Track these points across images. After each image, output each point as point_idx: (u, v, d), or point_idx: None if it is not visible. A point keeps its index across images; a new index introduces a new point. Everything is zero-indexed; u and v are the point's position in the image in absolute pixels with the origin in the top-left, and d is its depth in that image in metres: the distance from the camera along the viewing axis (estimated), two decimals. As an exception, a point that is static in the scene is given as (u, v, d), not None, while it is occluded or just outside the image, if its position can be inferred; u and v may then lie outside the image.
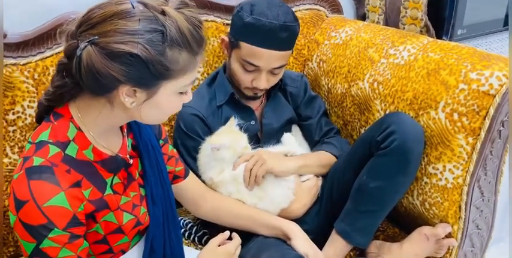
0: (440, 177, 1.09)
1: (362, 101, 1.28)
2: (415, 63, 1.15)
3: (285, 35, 1.13)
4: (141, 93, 0.75)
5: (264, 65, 1.15)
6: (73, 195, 0.74)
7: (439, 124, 1.07)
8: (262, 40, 1.12)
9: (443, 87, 1.07)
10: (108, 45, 0.69)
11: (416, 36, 1.23)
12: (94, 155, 0.81)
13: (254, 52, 1.13)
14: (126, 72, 0.71)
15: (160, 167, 0.97)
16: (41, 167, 0.73)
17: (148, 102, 0.77)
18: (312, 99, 1.36)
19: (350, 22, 1.45)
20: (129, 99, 0.75)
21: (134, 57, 0.70)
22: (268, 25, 1.11)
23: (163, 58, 0.72)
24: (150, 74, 0.72)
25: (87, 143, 0.80)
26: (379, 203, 1.10)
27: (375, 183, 1.08)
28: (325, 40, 1.46)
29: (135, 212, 0.88)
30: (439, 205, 1.12)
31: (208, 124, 1.22)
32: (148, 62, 0.71)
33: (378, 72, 1.23)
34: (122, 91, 0.74)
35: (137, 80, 0.73)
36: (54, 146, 0.76)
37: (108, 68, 0.70)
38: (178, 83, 0.77)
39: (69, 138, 0.78)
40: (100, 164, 0.82)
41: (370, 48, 1.29)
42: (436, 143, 1.08)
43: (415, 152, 1.05)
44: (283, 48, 1.15)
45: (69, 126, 0.79)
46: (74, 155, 0.78)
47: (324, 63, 1.43)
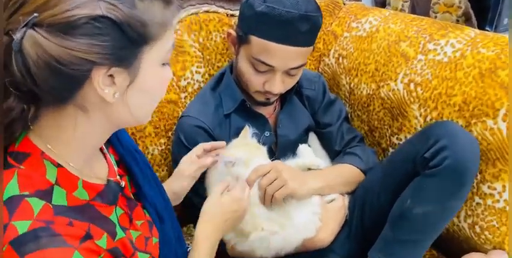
0: (498, 198, 0.92)
1: (395, 105, 1.08)
2: (463, 61, 0.96)
3: (305, 28, 0.92)
4: (121, 76, 0.56)
5: (280, 64, 0.94)
6: (88, 250, 0.55)
7: (498, 136, 0.88)
8: (278, 33, 0.91)
9: (503, 92, 0.88)
10: (57, 17, 0.50)
11: (459, 27, 1.03)
12: (88, 192, 0.61)
13: (267, 48, 0.92)
14: (96, 46, 0.51)
15: (154, 175, 0.79)
16: (33, 232, 0.51)
17: (133, 87, 0.58)
18: (331, 103, 1.17)
19: (373, 10, 1.25)
20: (109, 90, 0.55)
21: (102, 21, 0.51)
22: (286, 15, 0.90)
23: (137, 12, 0.53)
24: (128, 39, 0.54)
25: (74, 180, 0.60)
26: (425, 231, 0.92)
27: (421, 209, 0.89)
28: (345, 32, 1.25)
29: (148, 249, 0.70)
30: (494, 230, 0.95)
31: (215, 137, 1.02)
32: (122, 22, 0.52)
33: (415, 71, 1.04)
34: (97, 80, 0.53)
35: (114, 55, 0.53)
36: (36, 199, 0.54)
37: (70, 48, 0.50)
38: (162, 45, 0.58)
39: (51, 182, 0.57)
40: (98, 200, 0.63)
41: (403, 42, 1.09)
42: (494, 158, 0.90)
43: (472, 172, 0.87)
44: (303, 43, 0.94)
45: (45, 166, 0.57)
46: (65, 202, 0.57)
47: (344, 59, 1.23)
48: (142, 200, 0.74)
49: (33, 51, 0.49)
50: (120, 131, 0.74)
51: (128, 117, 0.61)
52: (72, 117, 0.57)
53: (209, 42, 1.13)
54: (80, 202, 0.59)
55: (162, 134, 1.11)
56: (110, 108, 0.58)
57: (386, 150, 1.15)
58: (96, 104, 0.57)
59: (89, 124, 0.59)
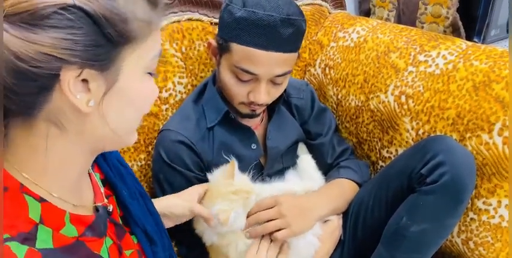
0: (494, 214, 0.89)
1: (385, 118, 1.05)
2: (456, 74, 0.94)
3: (288, 32, 0.86)
4: (96, 81, 0.47)
5: (263, 72, 0.88)
6: None
7: (494, 151, 0.86)
8: (260, 39, 0.85)
9: (498, 105, 0.86)
10: (21, 5, 0.42)
11: (450, 39, 1.01)
12: (76, 227, 0.53)
13: (249, 55, 0.86)
14: (65, 41, 0.43)
15: (142, 191, 0.72)
16: None
17: (112, 96, 0.49)
18: (322, 112, 1.13)
19: (360, 20, 1.22)
20: (81, 96, 0.47)
21: (73, 12, 0.43)
22: (267, 19, 0.83)
23: (117, 5, 0.46)
24: (104, 36, 0.46)
25: (60, 215, 0.52)
26: (421, 250, 0.89)
27: (418, 227, 0.86)
28: (331, 42, 1.22)
29: None
30: (488, 245, 0.92)
31: (197, 151, 0.96)
32: (98, 15, 0.44)
33: (406, 83, 1.02)
34: (67, 82, 0.45)
35: (87, 53, 0.45)
36: (18, 244, 0.45)
37: (33, 42, 0.42)
38: (146, 49, 0.50)
39: (35, 221, 0.49)
40: (88, 235, 0.55)
41: (392, 53, 1.06)
42: (490, 173, 0.88)
43: (469, 189, 0.84)
44: (286, 49, 0.88)
45: (26, 202, 0.49)
46: (51, 244, 0.49)
47: (331, 70, 1.19)
48: (130, 223, 0.66)
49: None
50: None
51: (108, 134, 0.52)
52: (43, 133, 0.49)
53: (192, 52, 1.07)
54: (68, 241, 0.52)
55: (142, 148, 1.04)
56: (86, 121, 0.50)
57: (376, 164, 1.13)
58: (70, 116, 0.48)
59: (64, 143, 0.50)
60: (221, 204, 0.86)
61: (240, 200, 0.86)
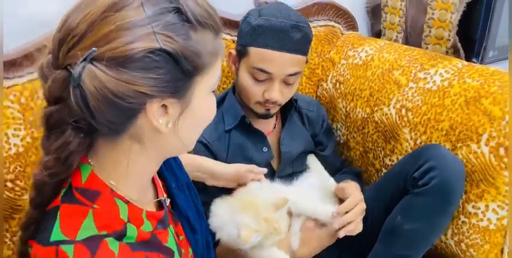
0: (482, 217, 0.98)
1: (388, 129, 1.16)
2: (450, 90, 1.04)
3: (298, 36, 1.00)
4: (174, 106, 0.55)
5: (277, 70, 1.01)
6: None
7: (481, 159, 0.95)
8: (273, 41, 0.99)
9: (486, 118, 0.96)
10: (116, 51, 0.49)
11: (447, 58, 1.12)
12: (151, 223, 0.63)
13: (265, 56, 1.00)
14: (152, 79, 0.51)
15: (188, 182, 0.81)
16: None
17: (185, 116, 0.57)
18: (330, 129, 1.27)
19: (369, 40, 1.34)
20: (163, 120, 0.55)
21: (159, 54, 0.50)
22: (279, 24, 0.98)
23: (192, 42, 0.53)
24: (182, 71, 0.53)
25: (139, 214, 0.61)
26: (414, 246, 0.98)
27: (410, 225, 0.95)
28: (342, 59, 1.34)
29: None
30: (478, 247, 1.01)
31: (213, 151, 1.08)
32: (179, 54, 0.51)
33: (406, 97, 1.12)
34: (152, 111, 0.53)
35: (169, 87, 0.53)
36: (114, 240, 0.55)
37: (127, 82, 0.50)
38: (213, 74, 0.58)
39: (124, 220, 0.58)
40: (159, 228, 0.64)
41: (396, 71, 1.18)
42: (478, 179, 0.97)
43: (458, 191, 0.94)
44: (296, 50, 1.01)
45: (117, 205, 0.58)
46: (134, 239, 0.59)
47: (341, 85, 1.31)
48: (175, 211, 0.74)
49: (91, 86, 0.49)
50: None
51: (179, 145, 0.61)
52: (127, 149, 0.57)
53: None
54: (146, 236, 0.61)
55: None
56: (163, 138, 0.57)
57: (379, 171, 1.22)
58: (150, 134, 0.56)
59: (143, 155, 0.59)
60: (249, 219, 0.86)
61: (266, 229, 0.86)
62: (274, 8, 1.02)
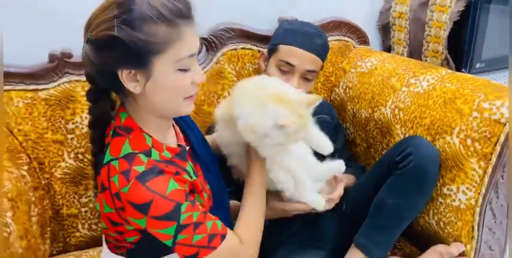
0: (454, 198, 1.18)
1: (384, 125, 1.38)
2: (433, 92, 1.25)
3: (319, 42, 1.32)
4: (140, 75, 0.81)
5: (299, 64, 1.29)
6: (178, 179, 0.85)
7: (453, 148, 1.16)
8: (300, 41, 1.30)
9: (458, 115, 1.16)
10: (95, 36, 0.78)
11: (436, 68, 1.34)
12: (170, 153, 0.90)
13: (291, 51, 1.29)
14: (115, 55, 0.78)
15: (203, 137, 1.09)
16: (148, 170, 0.80)
17: (152, 84, 0.81)
18: (339, 127, 1.50)
19: (375, 53, 1.58)
20: (131, 84, 0.81)
21: (114, 39, 0.76)
22: (306, 30, 1.32)
23: (141, 34, 0.76)
24: (135, 51, 0.77)
25: (161, 145, 0.89)
26: (396, 219, 1.18)
27: (392, 200, 1.16)
28: (352, 68, 1.58)
29: (205, 189, 0.98)
30: (453, 224, 1.20)
31: None
32: (128, 39, 0.76)
33: (399, 99, 1.34)
34: (122, 77, 0.80)
35: (129, 61, 0.79)
36: (143, 155, 0.83)
37: (100, 57, 0.79)
38: (169, 56, 0.80)
39: (149, 145, 0.86)
40: (177, 158, 0.91)
41: (393, 78, 1.40)
42: (451, 165, 1.17)
43: (430, 173, 1.14)
44: (316, 52, 1.31)
45: (144, 136, 0.87)
46: (158, 158, 0.86)
47: (350, 90, 1.55)
48: (196, 157, 1.01)
49: (87, 58, 0.80)
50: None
51: (159, 107, 0.86)
52: (133, 104, 0.86)
53: (243, 71, 1.49)
54: (167, 158, 0.88)
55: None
56: (144, 99, 0.84)
57: (377, 162, 1.44)
58: (135, 95, 0.83)
59: (143, 109, 0.86)
60: (281, 109, 0.87)
61: (300, 124, 0.89)
62: (303, 22, 1.37)
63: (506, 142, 1.08)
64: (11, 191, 1.02)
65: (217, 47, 1.46)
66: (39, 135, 1.23)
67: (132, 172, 0.79)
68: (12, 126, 1.20)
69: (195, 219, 0.84)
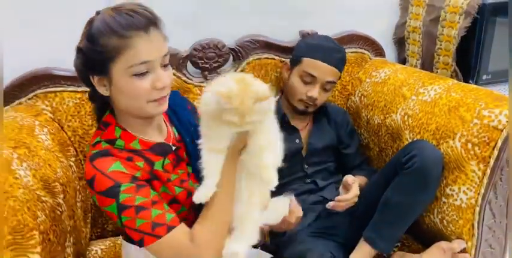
0: (456, 197, 1.28)
1: (395, 131, 1.50)
2: (440, 101, 1.37)
3: (338, 56, 1.48)
4: (105, 81, 0.94)
5: (320, 75, 1.45)
6: (128, 164, 0.94)
7: (455, 152, 1.26)
8: (322, 55, 1.46)
9: (460, 121, 1.27)
10: (76, 47, 0.95)
11: (443, 78, 1.45)
12: (141, 145, 1.00)
13: (314, 64, 1.45)
14: (82, 63, 0.95)
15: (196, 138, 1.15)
16: (99, 151, 0.95)
17: (114, 88, 0.94)
18: (353, 132, 1.63)
19: (389, 64, 1.70)
20: (101, 89, 0.96)
21: (80, 50, 0.94)
22: (328, 46, 1.47)
23: (96, 45, 0.90)
24: (94, 60, 0.91)
25: (132, 138, 1.00)
26: (401, 215, 1.29)
27: (397, 198, 1.28)
28: (367, 78, 1.70)
29: (183, 185, 1.04)
30: (455, 223, 1.30)
31: None
32: (88, 51, 0.92)
33: (409, 107, 1.46)
34: (93, 81, 0.95)
35: (93, 68, 0.94)
36: (105, 142, 0.98)
37: (76, 64, 0.96)
38: (121, 63, 0.90)
39: (116, 136, 0.99)
40: (148, 151, 1.01)
41: (404, 87, 1.52)
42: (453, 167, 1.27)
43: (433, 173, 1.25)
44: (336, 65, 1.47)
45: (115, 129, 1.00)
46: (123, 146, 0.99)
47: (365, 98, 1.67)
48: (192, 162, 1.08)
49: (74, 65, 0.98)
50: (179, 113, 1.13)
51: (124, 108, 0.97)
52: (113, 104, 0.99)
53: (266, 78, 1.63)
54: (133, 148, 0.99)
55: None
56: (116, 101, 0.96)
57: (388, 165, 1.55)
58: (110, 97, 0.96)
59: (118, 108, 0.98)
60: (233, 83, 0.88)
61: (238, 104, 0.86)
62: (323, 36, 1.52)
63: (504, 146, 1.18)
64: (62, 177, 1.19)
65: (243, 56, 1.61)
66: (85, 131, 1.41)
67: (88, 155, 0.96)
68: (63, 122, 1.37)
69: (137, 203, 0.90)
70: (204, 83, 1.57)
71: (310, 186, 1.52)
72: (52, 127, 1.33)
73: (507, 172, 1.22)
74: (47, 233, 0.98)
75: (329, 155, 1.59)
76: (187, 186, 1.04)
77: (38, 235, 0.94)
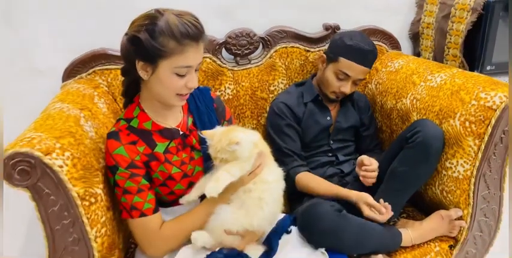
0: (454, 170, 1.45)
1: (404, 114, 1.67)
2: (444, 86, 1.54)
3: (372, 57, 1.63)
4: (149, 68, 1.11)
5: (354, 75, 1.62)
6: (130, 149, 1.15)
7: (455, 129, 1.44)
8: (358, 58, 1.59)
9: (460, 103, 1.44)
10: (129, 33, 1.10)
11: (450, 67, 1.62)
12: (152, 127, 1.21)
13: (351, 66, 1.60)
14: (135, 50, 1.09)
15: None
16: (113, 131, 1.18)
17: (154, 77, 1.11)
18: (373, 117, 1.83)
19: (403, 56, 1.88)
20: (142, 73, 1.12)
21: (138, 39, 1.07)
22: (364, 48, 1.59)
23: (155, 41, 1.07)
24: (149, 52, 1.07)
25: (146, 119, 1.20)
26: (405, 184, 1.47)
27: (402, 169, 1.45)
28: (383, 68, 1.89)
29: (182, 168, 1.23)
30: (453, 193, 1.47)
31: (294, 111, 1.68)
32: (146, 42, 1.06)
33: (417, 92, 1.63)
34: (138, 67, 1.11)
35: (143, 55, 1.09)
36: (123, 120, 1.20)
37: (127, 47, 1.11)
38: (170, 63, 1.08)
39: (133, 115, 1.21)
40: (157, 133, 1.21)
41: (414, 75, 1.69)
42: (452, 143, 1.44)
43: (434, 147, 1.42)
44: (368, 66, 1.63)
45: (134, 109, 1.21)
46: (136, 125, 1.20)
47: (380, 85, 1.85)
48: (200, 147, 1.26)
49: (121, 46, 1.13)
50: (201, 110, 1.31)
51: (154, 94, 1.16)
52: (144, 87, 1.17)
53: (291, 65, 1.84)
54: (144, 128, 1.19)
55: (255, 117, 1.81)
56: (148, 85, 1.15)
57: (397, 144, 1.72)
58: (145, 81, 1.13)
59: (149, 92, 1.17)
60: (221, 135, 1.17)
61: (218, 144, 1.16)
62: (359, 35, 1.64)
63: (497, 124, 1.35)
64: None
65: (272, 45, 1.82)
66: (133, 104, 1.64)
67: (109, 131, 1.21)
68: (115, 95, 1.61)
69: (125, 186, 1.14)
70: (236, 67, 1.79)
71: (331, 159, 1.72)
72: (107, 98, 1.56)
73: (500, 148, 1.39)
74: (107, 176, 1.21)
75: (351, 134, 1.78)
76: (185, 169, 1.25)
77: (101, 176, 1.17)
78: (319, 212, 1.30)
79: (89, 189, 1.10)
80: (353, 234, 1.32)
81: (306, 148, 1.69)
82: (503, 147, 1.39)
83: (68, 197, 1.05)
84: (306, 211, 1.33)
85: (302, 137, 1.67)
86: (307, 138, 1.68)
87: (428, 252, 1.48)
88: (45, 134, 1.07)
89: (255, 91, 1.81)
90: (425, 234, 1.48)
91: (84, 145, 1.15)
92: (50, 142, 1.05)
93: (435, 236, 1.50)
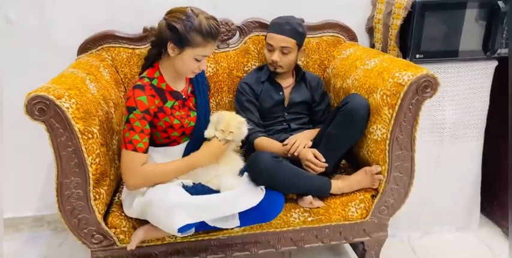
0: (375, 134, 1.83)
1: (346, 91, 2.06)
2: (375, 68, 1.93)
3: (287, 27, 1.99)
4: (177, 50, 1.54)
5: (275, 43, 2.00)
6: (149, 99, 1.56)
7: (376, 101, 1.82)
8: (276, 29, 2.00)
9: (381, 81, 1.83)
10: (168, 20, 1.52)
11: (383, 54, 2.01)
12: (166, 87, 1.65)
13: (270, 36, 2.02)
14: (171, 35, 1.52)
15: (206, 99, 1.83)
16: (140, 84, 1.57)
17: (179, 57, 1.55)
18: (324, 95, 2.21)
19: (356, 46, 2.27)
20: (170, 51, 1.55)
21: (175, 28, 1.50)
22: (279, 21, 2.01)
23: (188, 34, 1.50)
24: (181, 39, 1.51)
25: (163, 81, 1.64)
26: (336, 144, 1.86)
27: (334, 131, 1.85)
28: (338, 55, 2.28)
29: (181, 120, 1.68)
30: (374, 152, 1.86)
31: (253, 88, 2.10)
32: (181, 32, 1.49)
33: (357, 73, 2.02)
34: (169, 46, 1.54)
35: (176, 41, 1.52)
36: (147, 78, 1.62)
37: (164, 30, 1.53)
38: (194, 51, 1.54)
39: (154, 76, 1.64)
40: (168, 93, 1.66)
41: (358, 60, 2.08)
42: (374, 112, 1.83)
43: (359, 113, 1.79)
44: (286, 34, 1.98)
45: (155, 71, 1.64)
46: (156, 84, 1.63)
47: (334, 69, 2.25)
48: (196, 107, 1.77)
49: (159, 25, 1.58)
50: (200, 82, 1.80)
51: (175, 67, 1.60)
52: (167, 59, 1.62)
53: (262, 50, 2.25)
54: (161, 87, 1.63)
55: (230, 91, 2.23)
56: (172, 60, 1.59)
57: (342, 117, 2.12)
58: (170, 56, 1.57)
59: (170, 63, 1.61)
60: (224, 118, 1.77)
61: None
62: (285, 16, 2.03)
63: (406, 96, 1.72)
64: (114, 99, 1.86)
65: (246, 33, 2.24)
66: (132, 76, 2.09)
67: (135, 82, 1.62)
68: (118, 68, 2.06)
69: (134, 124, 1.53)
70: (216, 50, 2.22)
71: (285, 126, 2.13)
72: (111, 70, 2.01)
73: (409, 116, 1.77)
74: (103, 122, 1.65)
75: (304, 108, 2.17)
76: (183, 122, 1.71)
77: (97, 121, 1.61)
78: (259, 157, 1.71)
79: (87, 127, 1.53)
80: (286, 175, 1.72)
81: (265, 118, 2.11)
82: (412, 116, 1.77)
83: (71, 131, 1.48)
84: (251, 157, 1.74)
85: (260, 110, 2.09)
86: (264, 110, 2.10)
87: (354, 199, 1.87)
88: (58, 86, 1.51)
89: (231, 70, 2.23)
90: (352, 185, 1.87)
91: (87, 97, 1.59)
92: (61, 91, 1.49)
93: (360, 188, 1.89)
